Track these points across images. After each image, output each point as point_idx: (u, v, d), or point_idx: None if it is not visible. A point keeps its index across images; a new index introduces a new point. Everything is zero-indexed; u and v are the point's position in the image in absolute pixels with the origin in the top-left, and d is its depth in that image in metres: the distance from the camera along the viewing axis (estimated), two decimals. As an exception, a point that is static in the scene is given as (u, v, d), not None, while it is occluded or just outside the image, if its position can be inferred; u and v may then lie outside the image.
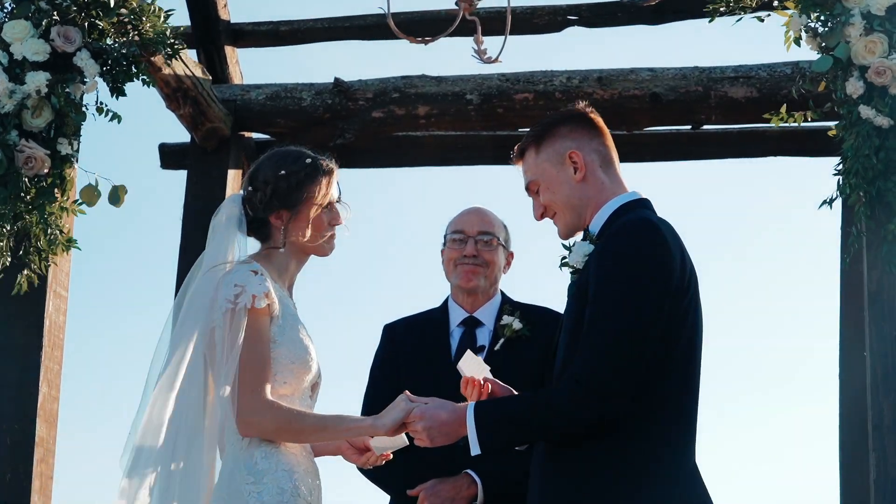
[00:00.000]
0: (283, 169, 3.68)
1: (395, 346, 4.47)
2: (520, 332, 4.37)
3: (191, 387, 3.55)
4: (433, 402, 3.47)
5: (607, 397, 3.23)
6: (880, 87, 4.57)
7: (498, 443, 3.36)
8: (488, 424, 3.32)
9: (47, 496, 4.72)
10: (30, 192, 4.66)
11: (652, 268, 3.28)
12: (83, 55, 4.75)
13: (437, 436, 3.42)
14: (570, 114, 3.59)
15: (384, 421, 3.52)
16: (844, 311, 5.72)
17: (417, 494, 4.20)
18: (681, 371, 3.34)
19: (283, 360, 3.57)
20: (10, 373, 4.71)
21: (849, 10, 4.60)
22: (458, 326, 4.45)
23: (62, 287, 4.87)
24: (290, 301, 3.70)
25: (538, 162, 3.54)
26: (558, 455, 3.34)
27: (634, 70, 6.01)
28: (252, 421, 3.49)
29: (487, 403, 3.41)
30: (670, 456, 3.29)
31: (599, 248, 3.38)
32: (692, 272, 3.39)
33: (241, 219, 3.69)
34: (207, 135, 6.10)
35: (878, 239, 4.56)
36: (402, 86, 6.14)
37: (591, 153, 3.51)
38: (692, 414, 3.38)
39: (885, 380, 4.52)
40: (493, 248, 4.43)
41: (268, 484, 3.50)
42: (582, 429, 3.26)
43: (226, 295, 3.51)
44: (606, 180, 3.51)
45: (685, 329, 3.34)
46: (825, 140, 5.10)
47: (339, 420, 3.57)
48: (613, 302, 3.26)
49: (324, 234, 3.71)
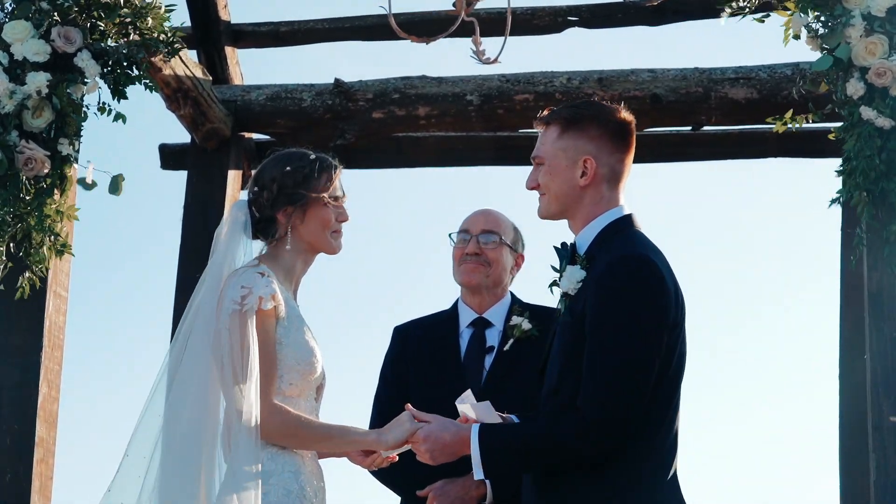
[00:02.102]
0: (289, 166, 3.70)
1: (405, 348, 4.48)
2: (529, 333, 4.38)
3: (197, 389, 3.54)
4: (436, 423, 3.51)
5: (613, 433, 3.29)
6: (881, 89, 4.57)
7: (502, 470, 3.44)
8: (493, 452, 3.37)
9: (47, 497, 4.72)
10: (29, 192, 4.66)
11: (651, 305, 3.33)
12: (84, 56, 4.75)
13: (440, 456, 3.48)
14: (609, 116, 3.56)
15: (387, 438, 3.57)
16: (845, 312, 5.72)
17: (427, 495, 4.21)
18: (667, 397, 3.39)
19: (288, 361, 3.58)
20: (10, 373, 4.71)
21: (849, 11, 4.60)
22: (468, 327, 4.46)
23: (62, 287, 4.87)
24: (295, 303, 3.70)
25: (554, 146, 3.53)
26: (549, 479, 3.40)
27: (634, 71, 6.01)
28: (258, 424, 3.50)
29: (492, 430, 3.44)
30: (653, 470, 3.36)
31: (597, 282, 3.38)
32: (682, 305, 3.44)
33: (246, 223, 3.69)
34: (208, 135, 6.10)
35: (879, 240, 4.56)
36: (402, 86, 6.14)
37: (604, 166, 3.52)
38: (674, 432, 3.44)
39: (885, 381, 4.52)
40: (497, 247, 4.43)
41: (274, 485, 3.51)
42: (588, 462, 3.32)
43: (232, 297, 3.51)
44: (606, 195, 3.52)
45: (674, 358, 3.39)
46: (825, 141, 5.09)
47: (344, 432, 3.61)
48: (615, 338, 3.30)
49: (330, 231, 3.72)
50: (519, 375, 4.30)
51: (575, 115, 3.55)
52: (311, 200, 3.68)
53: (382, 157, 6.74)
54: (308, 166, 3.71)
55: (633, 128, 3.59)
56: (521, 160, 6.57)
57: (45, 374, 4.73)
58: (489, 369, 4.38)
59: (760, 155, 6.52)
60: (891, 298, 4.56)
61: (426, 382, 4.29)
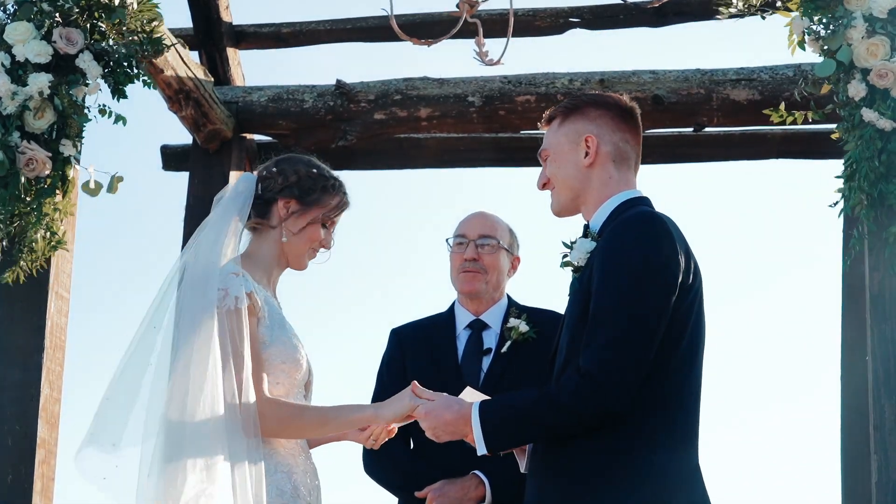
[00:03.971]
0: (316, 169, 3.80)
1: (402, 350, 4.49)
2: (526, 335, 4.38)
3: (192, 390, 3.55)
4: (439, 400, 3.48)
5: (612, 391, 3.20)
6: (882, 90, 4.56)
7: (504, 442, 3.36)
8: (494, 424, 3.31)
9: (49, 498, 4.72)
10: (29, 192, 4.66)
11: (655, 261, 3.26)
12: (85, 57, 4.75)
13: (443, 434, 3.44)
14: (606, 100, 3.56)
15: (386, 412, 3.58)
16: (846, 313, 5.72)
17: (426, 496, 4.21)
18: (682, 371, 3.32)
19: (274, 360, 3.60)
20: (11, 374, 4.71)
21: (851, 12, 4.60)
22: (465, 329, 4.47)
23: (64, 288, 4.87)
24: (275, 301, 3.72)
25: (557, 134, 3.54)
26: (556, 454, 3.32)
27: (636, 72, 6.01)
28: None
29: (492, 402, 3.40)
30: (669, 456, 3.26)
31: (602, 244, 3.35)
32: (696, 270, 3.37)
33: (248, 196, 3.74)
34: (209, 136, 6.10)
35: (880, 241, 4.56)
36: (403, 88, 6.14)
37: (608, 144, 3.49)
38: (693, 414, 3.36)
39: (886, 382, 4.52)
40: (494, 252, 4.44)
41: (267, 485, 3.51)
42: (586, 424, 3.23)
43: (212, 301, 3.54)
44: (615, 175, 3.49)
45: (688, 328, 3.32)
46: (827, 142, 5.09)
47: (340, 411, 3.61)
48: (618, 296, 3.24)
49: (310, 248, 3.77)
50: (516, 377, 4.30)
51: (574, 102, 3.57)
52: (314, 208, 3.75)
53: (384, 159, 6.74)
54: (333, 182, 3.81)
55: (635, 111, 3.57)
56: (523, 161, 6.57)
57: (46, 375, 4.73)
58: (486, 371, 4.38)
59: (762, 156, 6.52)
60: (892, 300, 4.56)
61: (423, 384, 4.29)
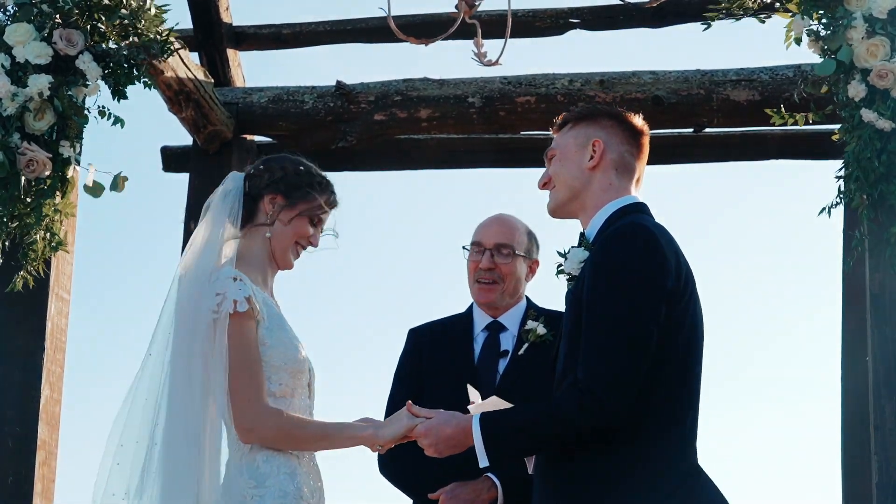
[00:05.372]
0: (303, 167, 3.77)
1: (419, 350, 4.48)
2: (544, 338, 4.36)
3: (183, 395, 3.55)
4: (437, 417, 3.49)
5: (610, 403, 3.21)
6: (882, 91, 4.56)
7: (505, 454, 3.38)
8: (494, 436, 3.32)
9: (49, 499, 4.72)
10: (29, 194, 4.66)
11: (646, 271, 3.27)
12: (85, 58, 4.75)
13: (446, 449, 3.45)
14: (620, 114, 3.60)
15: (384, 433, 3.56)
16: (846, 313, 5.72)
17: (438, 498, 4.21)
18: (678, 375, 3.32)
19: (275, 362, 3.58)
20: (12, 375, 4.71)
21: (851, 12, 4.60)
22: (483, 331, 4.45)
23: (64, 290, 4.88)
24: (273, 301, 3.71)
25: (566, 136, 3.58)
26: (557, 465, 3.34)
27: (636, 73, 6.01)
28: (253, 428, 3.51)
29: (493, 415, 3.41)
30: (667, 459, 3.27)
31: (592, 256, 3.37)
32: (688, 275, 3.38)
33: (236, 194, 3.72)
34: (209, 138, 6.10)
35: (880, 242, 4.56)
36: (403, 89, 6.14)
37: (613, 151, 3.52)
38: (691, 415, 3.37)
39: (887, 382, 4.52)
40: (510, 261, 4.40)
41: (270, 487, 3.51)
42: (586, 437, 3.25)
43: (209, 306, 3.53)
44: (615, 182, 3.50)
45: (682, 333, 3.32)
46: (827, 143, 5.09)
47: (341, 428, 3.60)
48: (610, 307, 3.25)
49: (296, 242, 3.74)
50: (532, 380, 4.27)
51: (588, 110, 3.63)
52: (299, 204, 3.72)
53: (384, 160, 6.74)
54: (320, 179, 3.77)
55: (645, 132, 3.60)
56: (523, 162, 6.57)
57: (47, 377, 4.74)
58: (503, 373, 4.37)
59: (762, 157, 6.52)
60: (893, 300, 4.56)
61: (439, 384, 4.29)
